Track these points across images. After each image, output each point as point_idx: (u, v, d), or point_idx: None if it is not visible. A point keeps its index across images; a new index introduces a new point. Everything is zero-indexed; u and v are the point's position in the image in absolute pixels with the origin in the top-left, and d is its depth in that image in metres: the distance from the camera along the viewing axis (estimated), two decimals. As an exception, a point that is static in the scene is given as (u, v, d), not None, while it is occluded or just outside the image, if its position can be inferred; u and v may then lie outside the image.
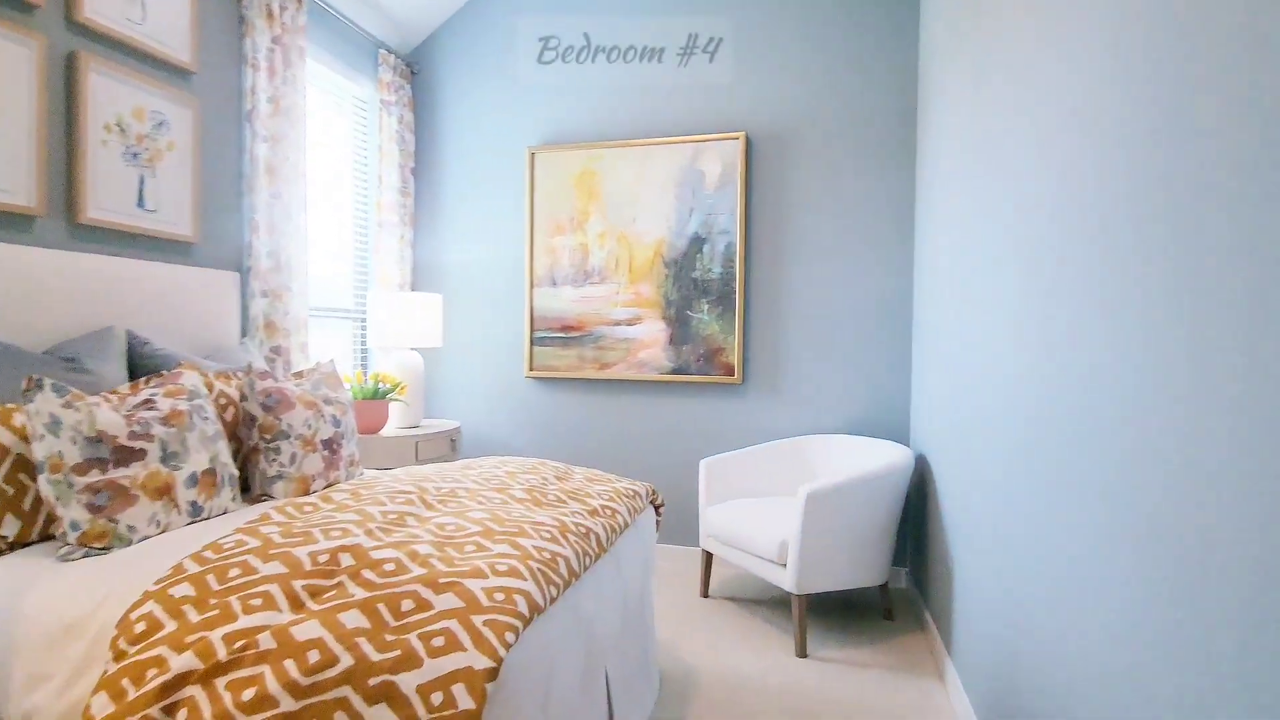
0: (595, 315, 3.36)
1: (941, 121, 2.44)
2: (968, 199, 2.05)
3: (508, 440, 3.54)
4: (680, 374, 3.24)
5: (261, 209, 2.63)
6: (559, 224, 3.41)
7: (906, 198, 3.00)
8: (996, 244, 1.75)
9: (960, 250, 2.14)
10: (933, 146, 2.60)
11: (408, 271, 3.55)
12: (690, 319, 3.23)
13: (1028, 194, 1.49)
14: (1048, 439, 1.36)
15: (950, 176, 2.28)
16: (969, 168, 2.03)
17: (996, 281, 1.76)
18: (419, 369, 3.17)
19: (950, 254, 2.27)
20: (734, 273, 3.16)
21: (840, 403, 3.08)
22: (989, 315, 1.82)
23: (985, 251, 1.85)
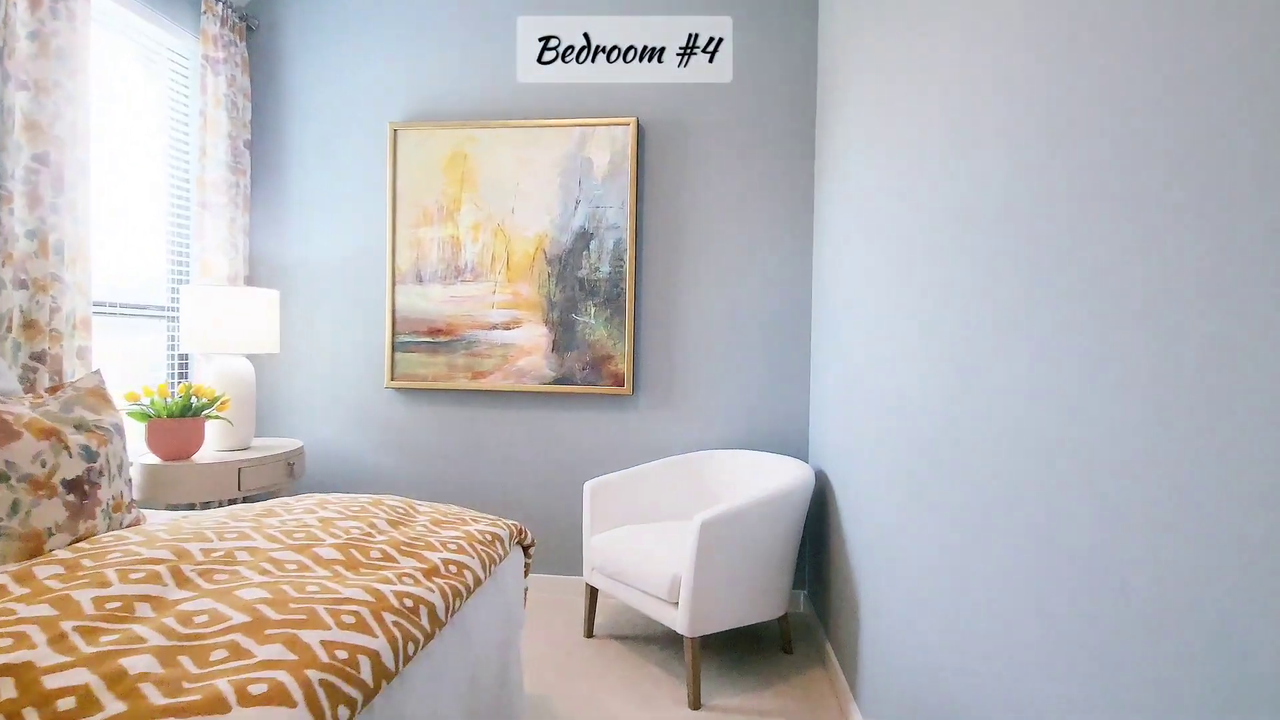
0: (468, 317, 2.96)
1: (842, 117, 2.26)
2: (870, 202, 1.86)
3: (364, 462, 3.06)
4: (564, 384, 2.90)
5: (18, 176, 2.05)
6: (426, 213, 2.98)
7: (806, 201, 2.82)
8: (898, 250, 1.54)
9: (861, 257, 1.94)
10: (833, 145, 2.42)
11: (240, 263, 2.98)
12: (575, 323, 2.90)
13: (936, 197, 1.28)
14: (956, 461, 1.15)
15: (852, 179, 2.10)
16: (872, 170, 1.84)
17: (899, 291, 1.55)
18: (248, 379, 2.64)
19: (850, 261, 2.08)
20: (624, 272, 2.87)
21: (739, 416, 2.86)
22: (891, 327, 1.62)
23: (886, 259, 1.65)
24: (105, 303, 2.49)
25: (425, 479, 3.02)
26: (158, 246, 2.79)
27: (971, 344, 1.16)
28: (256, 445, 2.71)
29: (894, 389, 1.64)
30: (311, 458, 3.08)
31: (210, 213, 2.84)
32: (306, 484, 3.08)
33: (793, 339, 2.83)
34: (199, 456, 2.44)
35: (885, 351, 1.72)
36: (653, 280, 2.90)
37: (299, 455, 2.72)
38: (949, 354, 1.27)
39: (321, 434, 3.09)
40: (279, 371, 3.11)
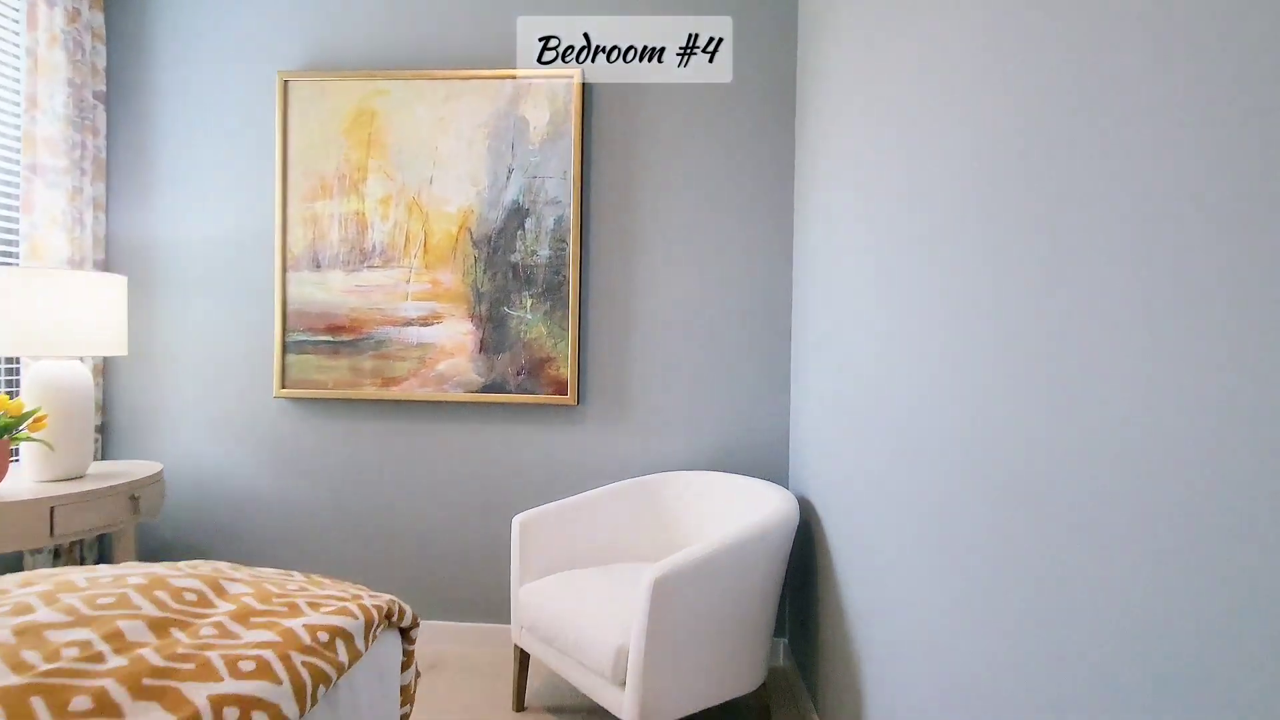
0: (376, 311, 2.42)
1: (828, 80, 1.79)
2: (865, 175, 1.39)
3: (248, 488, 2.50)
4: (495, 392, 2.39)
5: None
6: (325, 183, 2.43)
7: (785, 176, 2.35)
8: (904, 232, 1.08)
9: (862, 246, 1.48)
10: (817, 110, 1.95)
11: (87, 244, 2.40)
12: (508, 318, 2.39)
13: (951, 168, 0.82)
14: (991, 491, 0.68)
15: (841, 148, 1.63)
16: (866, 138, 1.37)
17: (908, 281, 1.09)
18: (81, 389, 2.07)
19: (849, 250, 1.61)
20: (566, 257, 2.36)
21: (706, 430, 2.38)
22: (904, 329, 1.15)
23: (891, 243, 1.18)
24: (-122, 290, 1.90)
25: (323, 508, 2.48)
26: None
27: (1017, 350, 0.69)
28: (96, 472, 2.14)
29: (908, 403, 1.17)
30: (180, 484, 2.51)
31: (43, 179, 2.26)
32: (169, 519, 2.51)
33: (770, 341, 2.36)
34: (7, 488, 1.87)
35: (896, 359, 1.25)
36: (602, 267, 2.40)
37: (152, 484, 2.16)
38: (982, 363, 0.80)
39: (195, 454, 2.52)
40: (142, 378, 2.53)
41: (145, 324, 2.51)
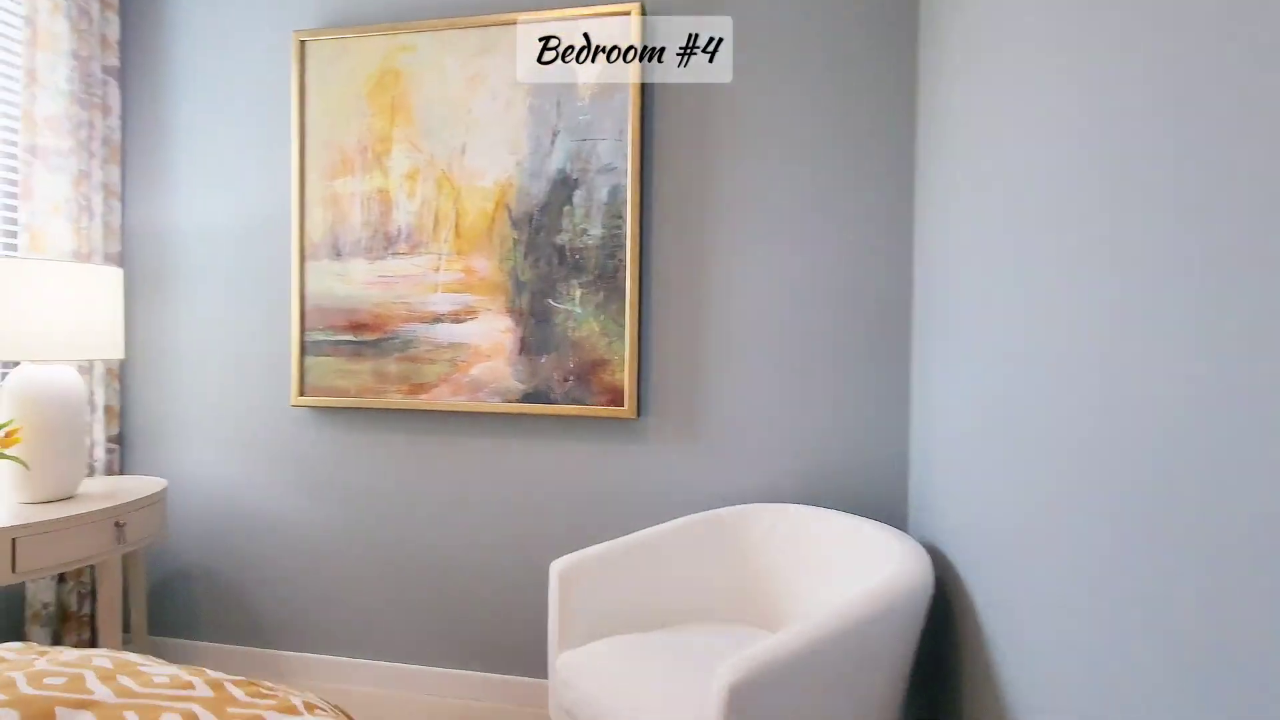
0: (402, 306, 2.06)
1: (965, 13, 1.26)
2: (1033, 124, 0.86)
3: (263, 508, 2.20)
4: (537, 401, 1.97)
5: None
6: (345, 157, 2.09)
7: (904, 128, 1.82)
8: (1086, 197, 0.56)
9: (1025, 214, 0.95)
10: (954, 45, 1.42)
11: (96, 235, 2.16)
12: (553, 312, 1.97)
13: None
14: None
15: (993, 84, 1.10)
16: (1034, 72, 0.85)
17: (1090, 262, 0.56)
18: (69, 397, 1.80)
19: (1003, 221, 1.08)
20: (623, 236, 1.92)
21: (796, 453, 1.88)
22: (1084, 316, 0.63)
23: (1068, 211, 0.66)
24: None
25: (344, 532, 2.14)
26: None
27: None
28: (89, 492, 1.88)
29: (1120, 430, 0.64)
30: (194, 500, 2.24)
31: (44, 162, 2.02)
32: (180, 541, 2.24)
33: (882, 340, 1.83)
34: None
35: (1082, 371, 0.73)
36: (666, 247, 1.94)
37: (145, 507, 1.87)
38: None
39: (208, 468, 2.24)
40: (159, 383, 2.28)
41: (162, 323, 2.26)
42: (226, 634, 2.23)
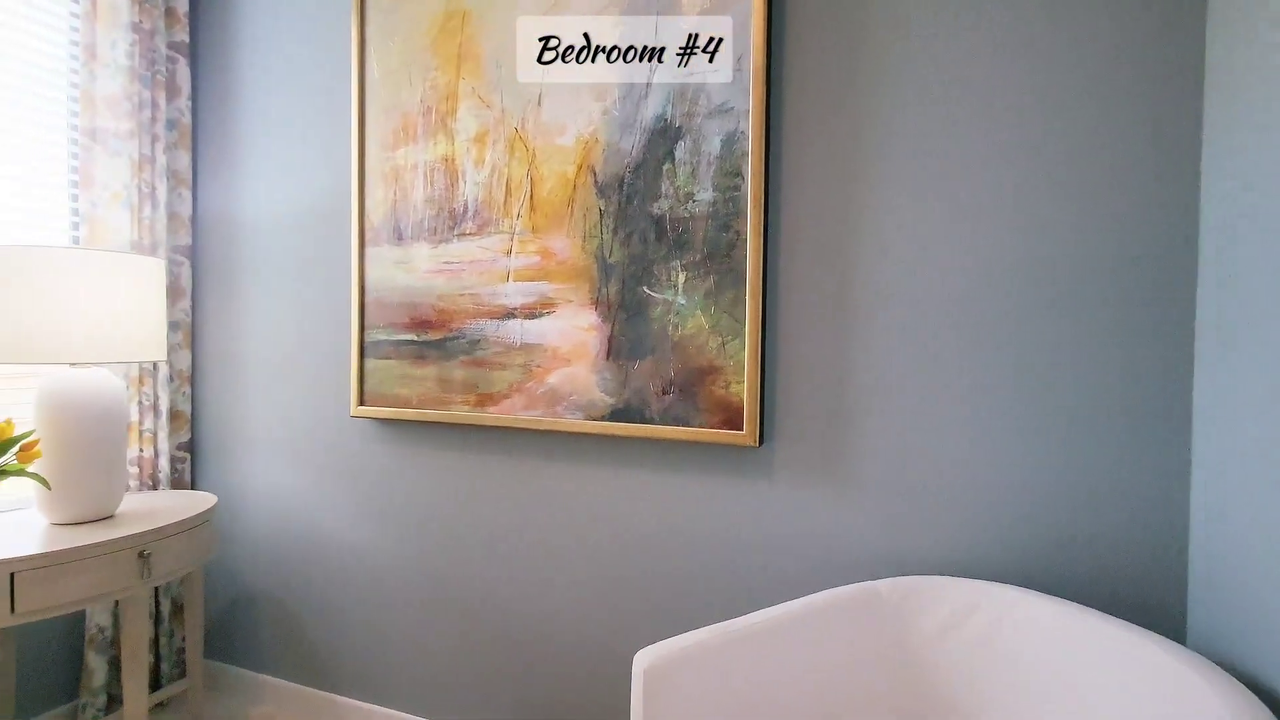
0: (468, 298, 1.69)
1: None
2: None
3: (321, 527, 1.91)
4: (628, 420, 1.52)
5: None
6: (408, 122, 1.76)
7: (1190, 29, 1.18)
8: None
9: None
10: None
11: (160, 225, 1.97)
12: (649, 304, 1.51)
13: None
14: None
15: None
16: None
17: None
18: (106, 405, 1.58)
19: None
20: (741, 200, 1.42)
21: (1000, 506, 1.29)
22: None
23: None
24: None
25: (406, 566, 1.80)
26: (42, 198, 1.84)
27: None
28: (130, 511, 1.66)
29: None
30: (254, 518, 2.00)
31: (104, 146, 1.85)
32: (243, 560, 2.01)
33: (1148, 337, 1.20)
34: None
35: None
36: (802, 212, 1.42)
37: (184, 532, 1.62)
38: None
39: (267, 482, 2.01)
40: (227, 387, 2.08)
41: (228, 322, 2.05)
42: (286, 669, 1.98)
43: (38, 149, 1.83)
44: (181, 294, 2.07)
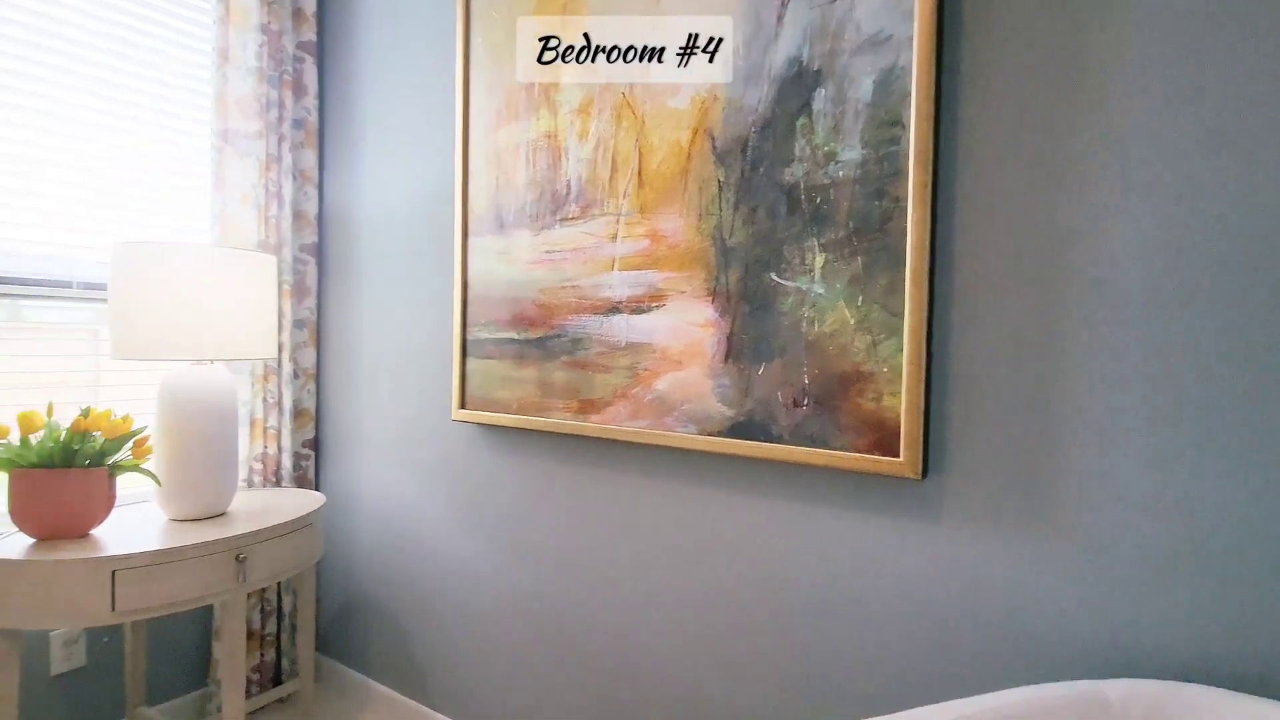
0: (569, 290, 1.49)
1: None
2: None
3: (423, 534, 1.81)
4: (751, 436, 1.24)
5: None
6: (510, 98, 1.60)
7: None
8: None
9: None
10: None
11: (285, 224, 1.99)
12: (778, 294, 1.22)
13: None
14: None
15: None
16: None
17: None
18: (218, 401, 1.57)
19: None
20: (901, 156, 1.09)
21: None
22: None
23: None
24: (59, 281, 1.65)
25: (505, 584, 1.65)
26: (176, 199, 1.91)
27: None
28: (241, 510, 1.64)
29: None
30: (368, 518, 1.95)
31: (234, 147, 1.88)
32: (358, 561, 1.96)
33: None
34: (108, 535, 1.43)
35: None
36: (991, 158, 1.06)
37: (283, 535, 1.57)
38: None
39: (379, 483, 1.95)
40: (341, 385, 2.06)
41: (347, 319, 2.03)
42: (392, 677, 1.90)
43: (181, 152, 1.90)
44: (308, 292, 2.08)
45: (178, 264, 1.46)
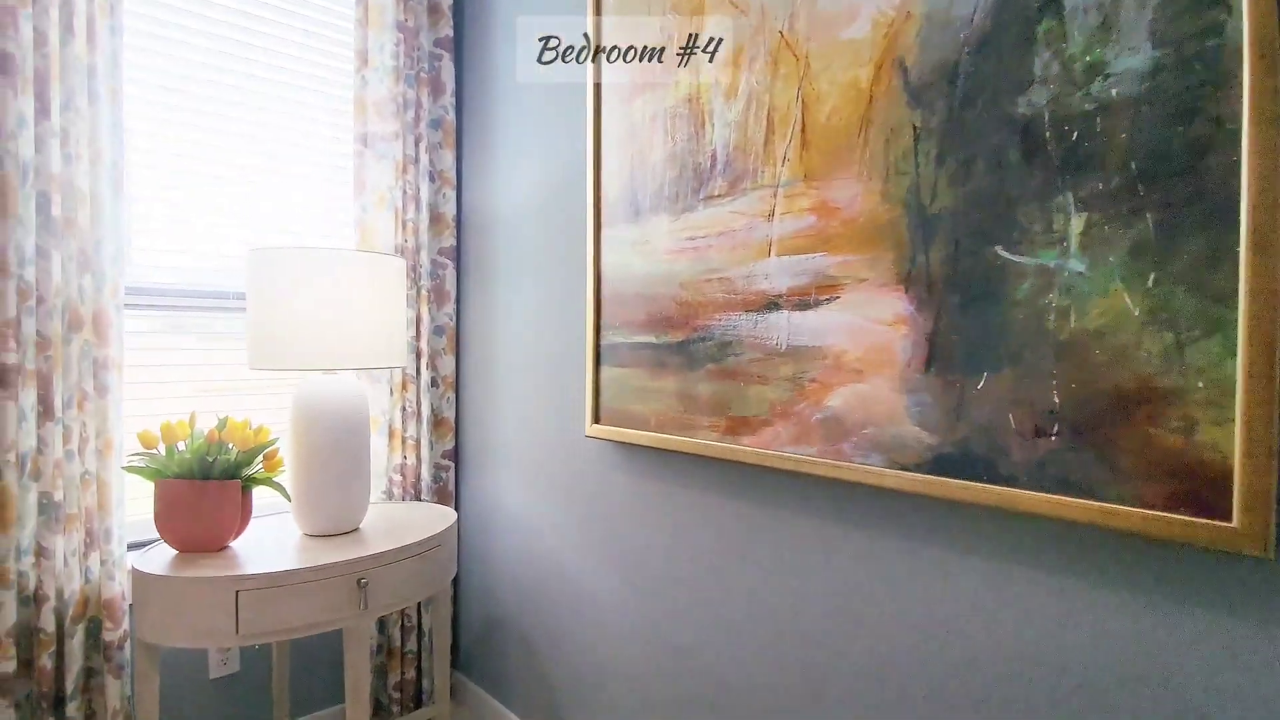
0: (715, 282, 1.23)
1: None
2: None
3: (553, 563, 1.63)
4: (965, 474, 0.89)
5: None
6: (644, 64, 1.37)
7: None
8: None
9: None
10: None
11: (422, 227, 1.92)
12: (1006, 274, 0.86)
13: None
14: None
15: None
16: None
17: None
18: (349, 412, 1.50)
19: None
20: (1226, 55, 0.70)
21: None
22: None
23: None
24: (197, 292, 1.69)
25: (643, 623, 1.41)
26: (324, 207, 1.91)
27: None
28: (373, 527, 1.56)
29: None
30: (492, 539, 1.82)
31: (373, 150, 1.84)
32: (483, 576, 1.83)
33: None
34: (242, 550, 1.39)
35: None
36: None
37: (404, 560, 1.46)
38: None
39: (514, 499, 1.80)
40: (480, 393, 1.95)
41: (483, 323, 1.93)
42: (525, 707, 1.75)
43: (325, 158, 1.89)
44: (446, 297, 2.00)
45: (305, 268, 1.40)
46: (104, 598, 1.42)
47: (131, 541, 1.59)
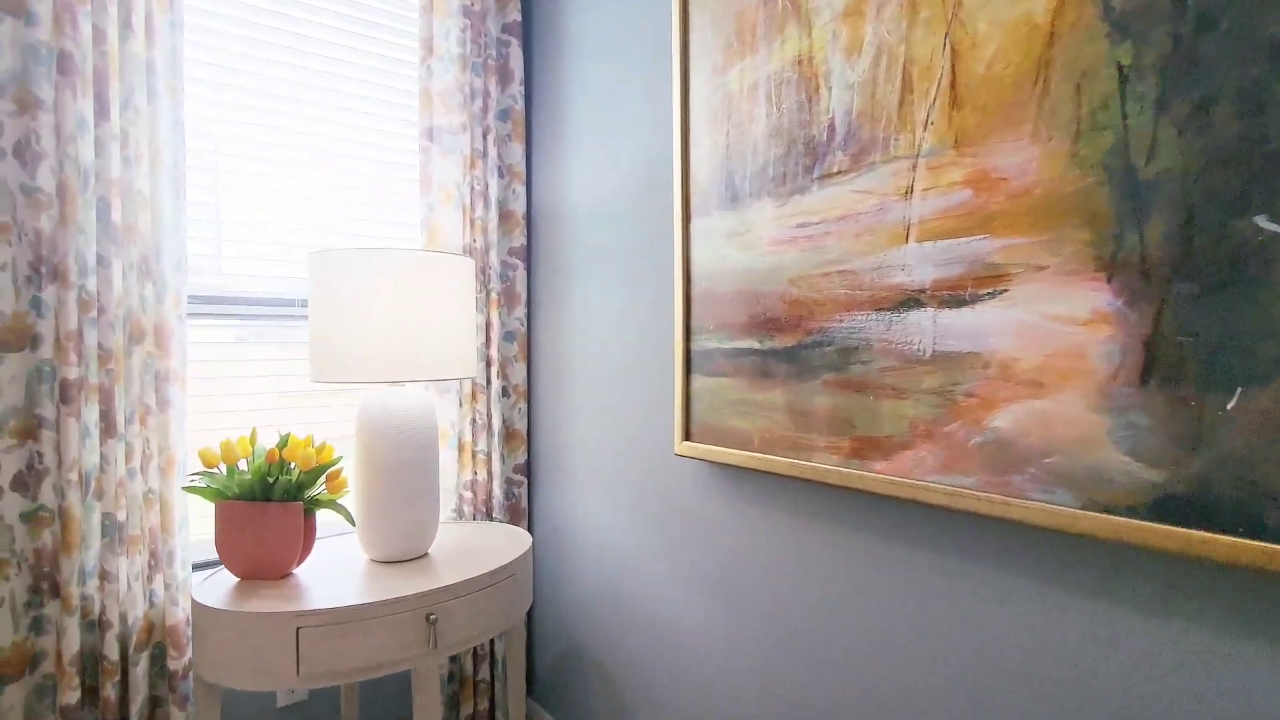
0: (836, 278, 1.03)
1: None
2: None
3: (637, 592, 1.46)
4: (1201, 522, 0.67)
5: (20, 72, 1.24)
6: (742, 23, 1.18)
7: None
8: None
9: None
10: None
11: (491, 225, 1.79)
12: (1274, 252, 0.63)
13: None
14: None
15: None
16: None
17: None
18: (422, 423, 1.37)
19: None
20: None
21: None
22: None
23: None
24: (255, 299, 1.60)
25: (744, 666, 1.22)
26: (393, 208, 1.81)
27: None
28: (441, 553, 1.43)
29: None
30: (569, 563, 1.66)
31: (439, 145, 1.73)
32: (560, 602, 1.68)
33: None
34: (305, 579, 1.29)
35: None
36: None
37: (477, 591, 1.31)
38: None
39: (590, 522, 1.65)
40: (553, 403, 1.81)
41: (558, 327, 1.78)
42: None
43: (390, 155, 1.79)
44: (517, 300, 1.87)
45: (369, 270, 1.28)
46: (168, 624, 1.34)
47: (196, 562, 1.52)
